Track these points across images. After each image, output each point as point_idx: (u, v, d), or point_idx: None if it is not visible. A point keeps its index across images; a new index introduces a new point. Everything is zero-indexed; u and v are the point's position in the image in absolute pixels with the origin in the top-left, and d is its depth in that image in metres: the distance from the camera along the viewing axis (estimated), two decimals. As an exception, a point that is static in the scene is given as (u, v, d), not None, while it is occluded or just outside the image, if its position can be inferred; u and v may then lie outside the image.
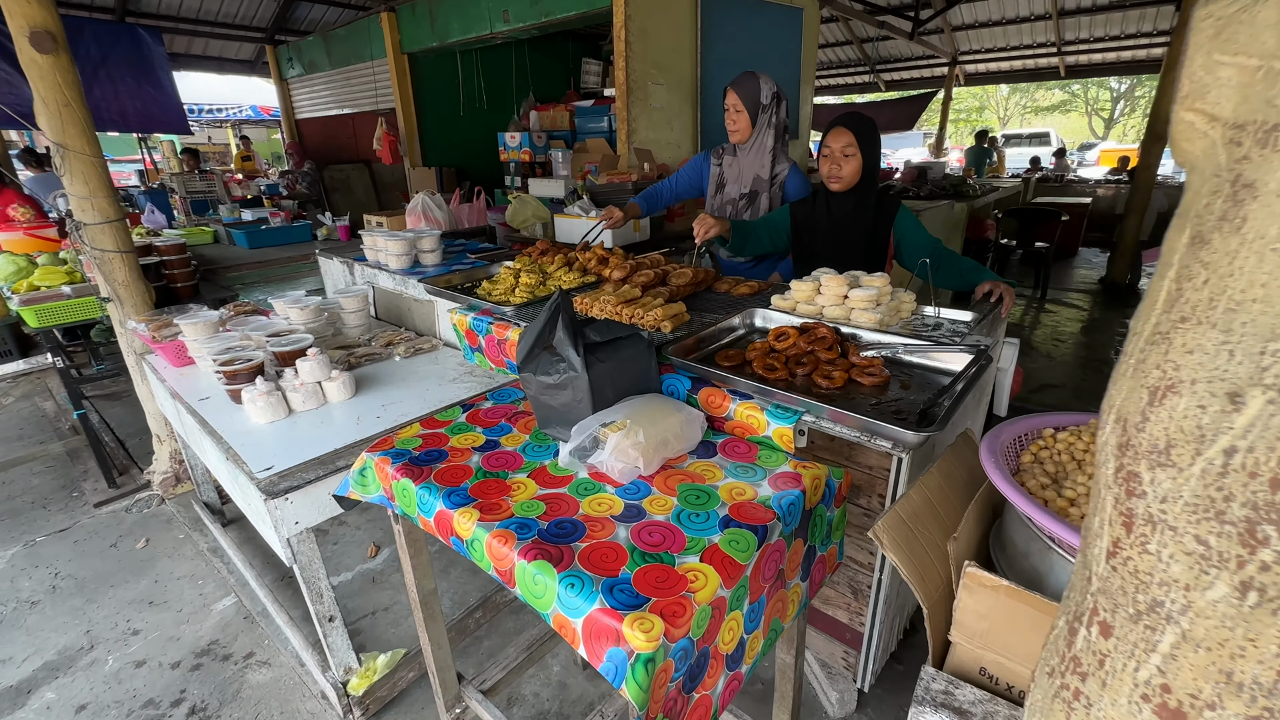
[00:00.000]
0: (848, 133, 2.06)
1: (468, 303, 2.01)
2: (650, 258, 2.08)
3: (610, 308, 1.63)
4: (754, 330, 1.60)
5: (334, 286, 3.25)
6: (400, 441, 1.29)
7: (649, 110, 5.34)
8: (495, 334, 1.81)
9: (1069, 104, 31.77)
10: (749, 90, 2.35)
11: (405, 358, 2.31)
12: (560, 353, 1.18)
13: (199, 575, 2.56)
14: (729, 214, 2.57)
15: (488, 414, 1.43)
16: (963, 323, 1.61)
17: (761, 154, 2.44)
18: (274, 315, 2.51)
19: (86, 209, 2.63)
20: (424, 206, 3.93)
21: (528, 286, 1.99)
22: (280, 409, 1.85)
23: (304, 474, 1.53)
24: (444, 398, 1.94)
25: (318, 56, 8.29)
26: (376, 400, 1.96)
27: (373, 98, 7.54)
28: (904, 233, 2.17)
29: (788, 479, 1.11)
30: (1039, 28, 11.23)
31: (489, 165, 8.08)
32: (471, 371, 2.13)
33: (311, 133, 9.68)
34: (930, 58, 12.97)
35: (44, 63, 2.41)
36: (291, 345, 2.06)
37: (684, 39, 5.47)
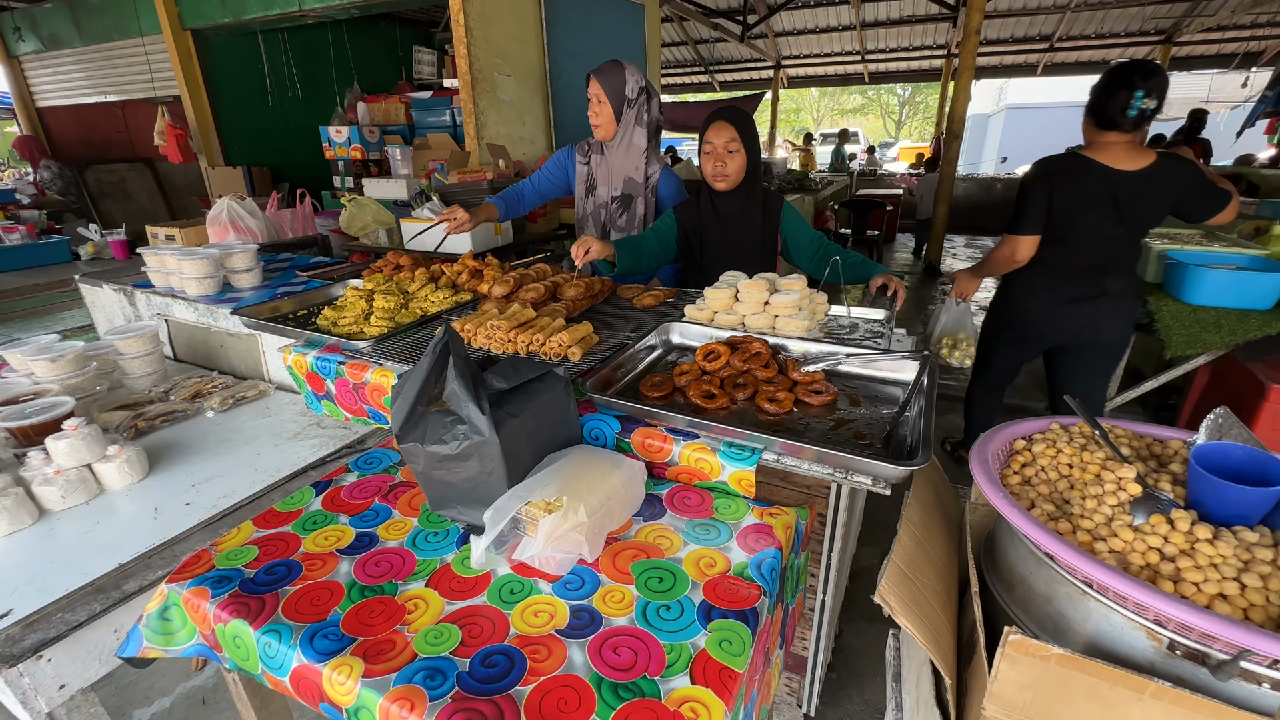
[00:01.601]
0: (729, 127, 1.94)
1: (305, 337, 1.57)
2: (537, 268, 1.80)
3: (501, 334, 1.33)
4: (672, 348, 1.41)
5: (109, 323, 2.50)
6: (223, 555, 0.90)
7: (498, 103, 4.96)
8: (349, 377, 1.42)
9: (867, 107, 36.34)
10: (613, 81, 2.11)
11: (221, 411, 1.79)
12: (456, 410, 0.88)
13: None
14: (603, 218, 2.34)
15: (353, 491, 1.07)
16: (876, 321, 1.56)
17: (633, 154, 2.22)
18: (8, 371, 1.81)
19: None
20: (230, 214, 3.22)
21: (386, 312, 1.60)
22: (23, 513, 1.29)
23: (68, 614, 1.05)
24: (284, 464, 1.49)
25: (63, 29, 6.64)
26: (183, 478, 1.46)
27: (148, 82, 6.20)
28: (790, 229, 2.12)
29: (758, 534, 0.93)
30: (846, 37, 12.49)
31: (311, 164, 7.07)
32: (319, 423, 1.69)
33: (62, 124, 7.78)
34: (758, 61, 13.87)
35: None
36: (38, 416, 1.47)
37: (528, 27, 5.16)
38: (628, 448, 1.09)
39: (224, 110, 6.25)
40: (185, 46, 5.83)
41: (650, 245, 2.05)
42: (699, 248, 2.16)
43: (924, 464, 0.85)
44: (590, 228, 2.40)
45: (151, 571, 1.15)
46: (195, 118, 5.99)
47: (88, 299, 2.53)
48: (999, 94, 22.65)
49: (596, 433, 1.11)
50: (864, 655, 2.01)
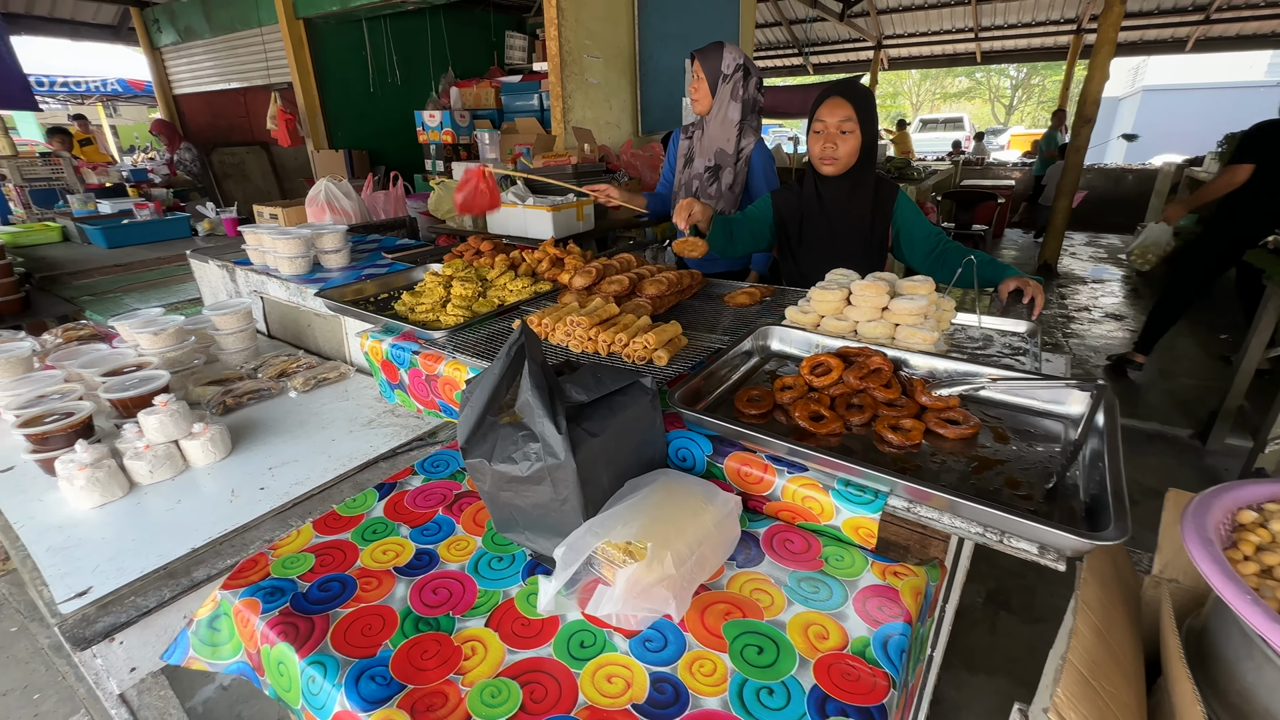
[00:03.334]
0: (846, 104, 1.72)
1: (382, 323, 1.53)
2: (621, 258, 1.67)
3: (581, 332, 1.21)
4: (770, 356, 1.24)
5: (213, 297, 2.62)
6: (279, 561, 0.84)
7: (585, 86, 4.87)
8: (422, 368, 1.35)
9: (974, 91, 33.59)
10: (711, 59, 2.19)
11: (303, 392, 1.80)
12: (529, 424, 0.76)
13: (36, 685, 1.95)
14: (694, 189, 2.38)
15: (416, 499, 0.99)
16: (1016, 335, 1.31)
17: (726, 127, 2.24)
18: (119, 343, 1.91)
19: None
20: (327, 195, 3.31)
21: (463, 300, 1.53)
22: (115, 485, 1.31)
23: (139, 599, 1.04)
24: (355, 452, 1.46)
25: (195, 21, 7.19)
26: (261, 459, 1.45)
27: (264, 70, 6.60)
28: (904, 222, 1.87)
29: (881, 599, 0.75)
30: (959, 13, 11.48)
31: (405, 148, 7.32)
32: (394, 410, 1.65)
33: (194, 110, 8.48)
34: (857, 41, 13.06)
35: None
36: (136, 389, 1.51)
37: (619, 7, 5.01)
38: (719, 474, 0.94)
39: (329, 95, 6.56)
40: (298, 35, 6.14)
41: (741, 230, 1.87)
42: (796, 237, 1.95)
43: (1121, 539, 0.64)
44: (682, 197, 2.40)
45: (221, 559, 1.12)
46: (304, 103, 6.32)
47: (196, 273, 2.67)
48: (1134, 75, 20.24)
49: (684, 453, 0.97)
50: (965, 712, 1.77)
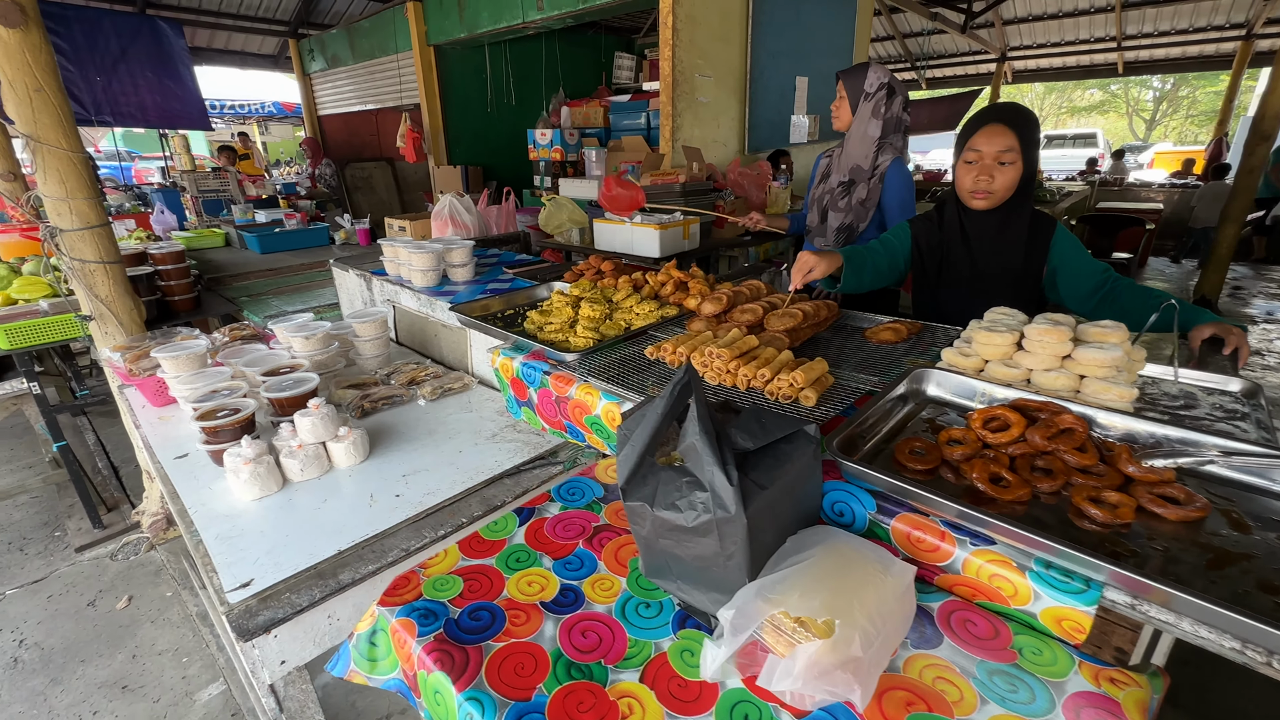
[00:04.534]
0: (1008, 132, 1.56)
1: (512, 340, 1.56)
2: (749, 285, 1.62)
3: (720, 364, 1.17)
4: (926, 402, 1.13)
5: (350, 303, 2.83)
6: (430, 582, 0.85)
7: (695, 105, 4.87)
8: (553, 389, 1.36)
9: (1109, 104, 30.61)
10: (854, 79, 2.22)
11: (431, 401, 1.88)
12: (694, 471, 0.72)
13: (184, 650, 2.15)
14: (826, 203, 2.39)
15: (555, 527, 0.97)
16: (1228, 395, 1.12)
17: (864, 143, 2.23)
18: (275, 343, 2.09)
19: (63, 212, 2.24)
20: (451, 210, 3.50)
21: (591, 321, 1.53)
22: (272, 480, 1.42)
23: (294, 596, 1.09)
24: (481, 465, 1.49)
25: (341, 50, 7.96)
26: (395, 466, 1.52)
27: (397, 93, 7.17)
28: (1064, 259, 1.68)
29: (1097, 709, 0.64)
30: (1098, 21, 10.52)
31: (515, 164, 7.68)
32: (515, 425, 1.69)
33: (334, 129, 9.37)
34: (978, 53, 12.30)
35: (11, 40, 2.02)
36: (292, 390, 1.63)
37: (733, 27, 5.00)
38: (883, 535, 0.85)
39: (451, 115, 7.01)
40: (428, 60, 6.62)
41: (878, 261, 1.75)
42: (935, 272, 1.81)
43: None
44: (814, 213, 2.48)
45: (363, 564, 1.17)
46: (429, 122, 6.79)
47: (336, 280, 2.90)
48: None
49: (841, 507, 0.89)
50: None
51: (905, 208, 2.24)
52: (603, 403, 1.24)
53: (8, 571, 2.57)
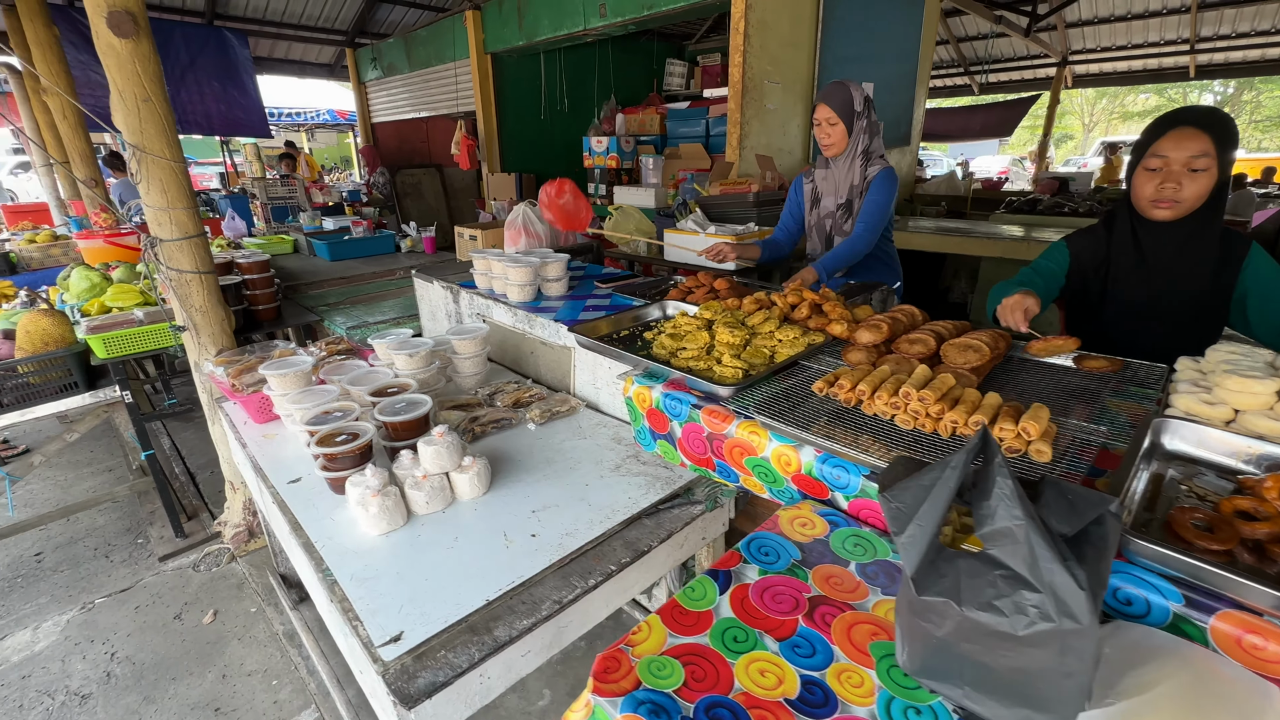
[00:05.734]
0: (1202, 136, 1.39)
1: (644, 367, 1.45)
2: (904, 310, 1.48)
3: (918, 407, 1.03)
4: (1169, 459, 0.98)
5: (431, 315, 2.78)
6: (645, 665, 0.73)
7: (763, 112, 4.74)
8: (705, 424, 1.24)
9: (1163, 109, 29.37)
10: (841, 98, 2.15)
11: (539, 424, 1.78)
12: (1010, 563, 0.59)
13: (274, 671, 2.10)
14: (828, 228, 2.38)
15: (763, 597, 0.85)
16: None
17: (857, 161, 2.23)
18: (373, 358, 2.02)
19: (163, 222, 2.23)
20: (524, 219, 3.43)
21: (731, 348, 1.41)
22: (398, 514, 1.33)
23: (450, 654, 0.99)
24: (614, 503, 1.38)
25: (397, 59, 8.07)
26: (520, 499, 1.42)
27: (452, 100, 7.21)
28: (1258, 283, 1.49)
29: None
30: (1170, 23, 10.03)
31: (566, 171, 7.63)
32: (637, 455, 1.57)
33: (386, 136, 9.51)
34: (1037, 58, 11.86)
35: (123, 50, 2.01)
36: (406, 413, 1.55)
37: (803, 32, 4.86)
38: (1195, 635, 0.71)
39: (505, 122, 7.02)
40: (485, 68, 6.64)
41: (1041, 288, 1.59)
42: (1099, 292, 1.64)
43: None
44: (815, 238, 2.46)
45: (517, 618, 1.07)
46: (484, 129, 6.80)
47: (418, 291, 2.84)
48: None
49: (1128, 595, 0.75)
50: None
51: (884, 211, 2.21)
52: (774, 445, 1.12)
53: (95, 579, 2.57)
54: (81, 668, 2.13)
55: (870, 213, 2.22)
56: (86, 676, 2.09)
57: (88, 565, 2.66)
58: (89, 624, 2.33)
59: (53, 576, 2.59)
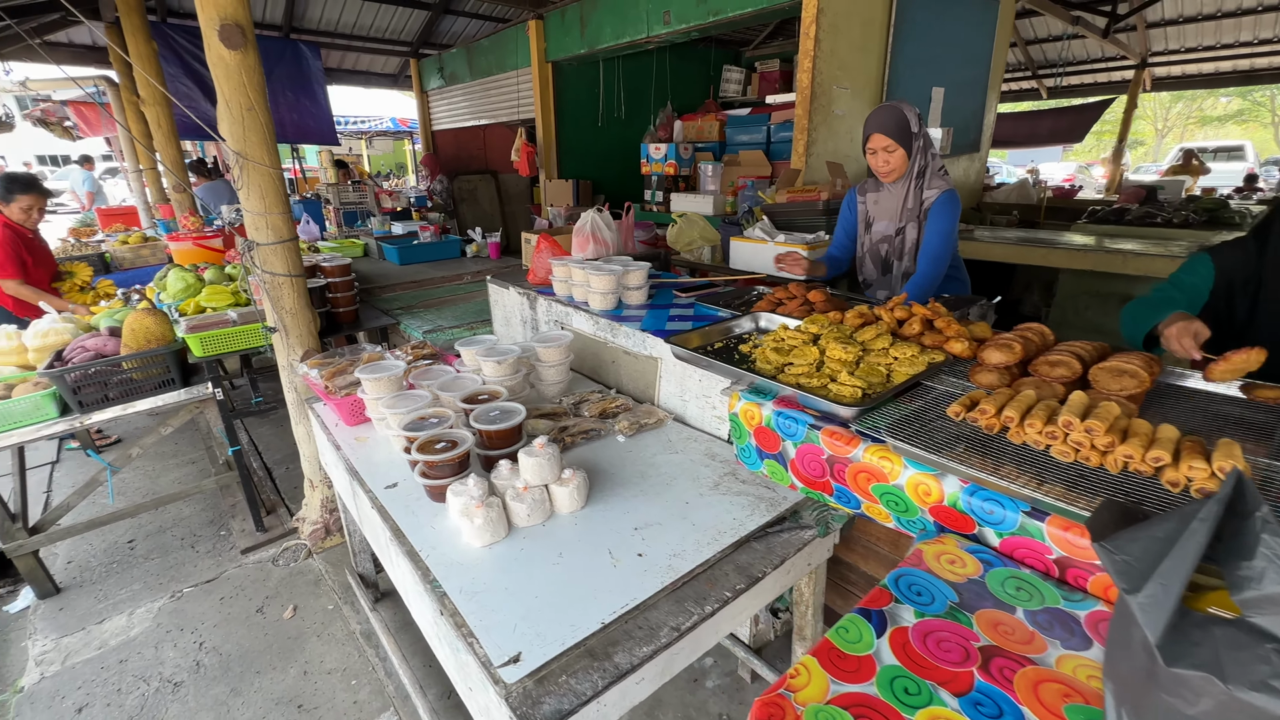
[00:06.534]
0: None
1: (749, 381, 1.39)
2: (1034, 329, 1.38)
3: (1080, 438, 0.94)
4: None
5: (506, 321, 2.79)
6: (813, 715, 0.67)
7: (830, 118, 4.63)
8: (825, 446, 1.17)
9: (1247, 113, 27.56)
10: (897, 122, 2.05)
11: (628, 436, 1.74)
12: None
13: (352, 670, 2.12)
14: (883, 253, 2.30)
15: (926, 643, 0.78)
16: None
17: (912, 183, 2.13)
18: (458, 364, 2.03)
19: (260, 227, 2.30)
20: (593, 226, 3.41)
21: (843, 365, 1.34)
22: (501, 526, 1.31)
23: (572, 680, 0.96)
24: (718, 524, 1.32)
25: (459, 68, 8.27)
26: (620, 515, 1.38)
27: (513, 108, 7.34)
28: None
29: None
30: (1265, 20, 9.36)
31: (621, 177, 7.68)
32: (734, 472, 1.52)
33: (444, 143, 9.76)
34: (1112, 60, 11.27)
35: (231, 61, 2.09)
36: (501, 422, 1.53)
37: (874, 36, 4.73)
38: None
39: (564, 129, 7.09)
40: (546, 76, 6.72)
41: (1170, 308, 1.46)
42: (1248, 308, 1.49)
43: None
44: (869, 265, 2.37)
45: (635, 644, 1.02)
46: (543, 136, 6.88)
47: (492, 297, 2.86)
48: None
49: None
50: None
51: (948, 240, 2.09)
52: (910, 472, 1.04)
53: (183, 569, 2.67)
54: (173, 655, 2.20)
55: (934, 244, 2.11)
56: (178, 664, 2.16)
57: (175, 554, 2.77)
58: (178, 612, 2.41)
59: (144, 564, 2.71)
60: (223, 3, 2.05)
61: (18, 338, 2.62)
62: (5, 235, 3.08)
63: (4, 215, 3.12)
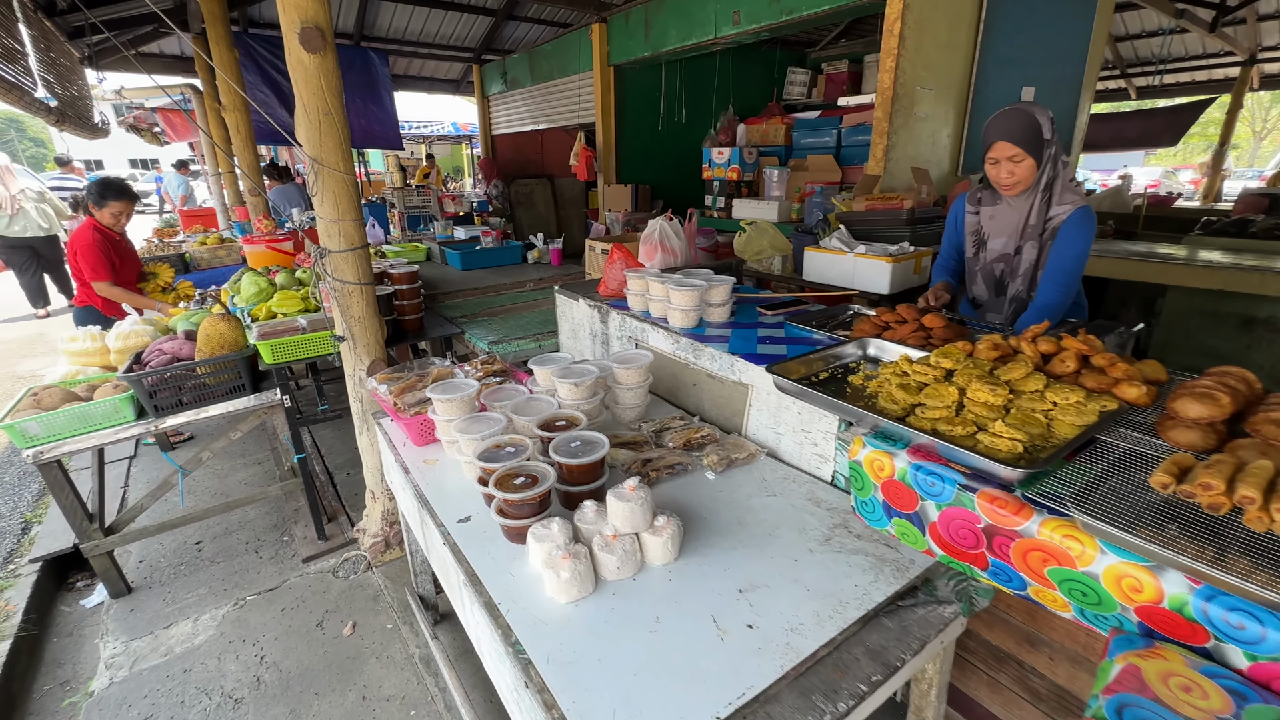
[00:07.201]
0: None
1: (873, 423, 1.20)
2: (1232, 371, 1.14)
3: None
4: None
5: (573, 334, 2.67)
6: None
7: (911, 121, 4.34)
8: (981, 513, 0.97)
9: (1360, 113, 25.16)
10: (1027, 128, 1.79)
11: (718, 473, 1.57)
12: None
13: (411, 699, 2.03)
14: (997, 273, 2.07)
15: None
16: None
17: (1038, 197, 1.87)
18: (530, 383, 1.91)
19: (333, 234, 2.25)
20: (661, 234, 3.27)
21: (991, 412, 1.13)
22: (589, 580, 1.16)
23: (690, 795, 0.80)
24: (838, 590, 1.13)
25: (521, 73, 8.31)
26: (719, 572, 1.21)
27: (573, 112, 7.30)
28: None
29: None
30: (1404, 11, 8.37)
31: (680, 182, 7.51)
32: (845, 523, 1.32)
33: (503, 148, 9.84)
34: (1213, 56, 10.36)
35: (310, 64, 2.04)
36: (584, 455, 1.39)
37: (962, 34, 4.42)
38: None
39: (624, 134, 6.99)
40: (607, 80, 6.65)
41: None
42: None
43: None
44: (980, 285, 2.14)
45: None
46: (602, 141, 6.81)
47: (559, 308, 2.75)
48: None
49: None
50: None
51: (1081, 264, 1.86)
52: (1108, 560, 0.84)
53: (246, 575, 2.66)
54: (235, 668, 2.17)
55: (1065, 267, 1.85)
56: (239, 679, 2.12)
57: (240, 559, 2.77)
58: (241, 621, 2.39)
59: (210, 567, 2.71)
60: (304, 5, 2.00)
61: (101, 339, 2.68)
62: (96, 239, 3.18)
63: (95, 219, 3.22)
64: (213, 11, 4.86)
